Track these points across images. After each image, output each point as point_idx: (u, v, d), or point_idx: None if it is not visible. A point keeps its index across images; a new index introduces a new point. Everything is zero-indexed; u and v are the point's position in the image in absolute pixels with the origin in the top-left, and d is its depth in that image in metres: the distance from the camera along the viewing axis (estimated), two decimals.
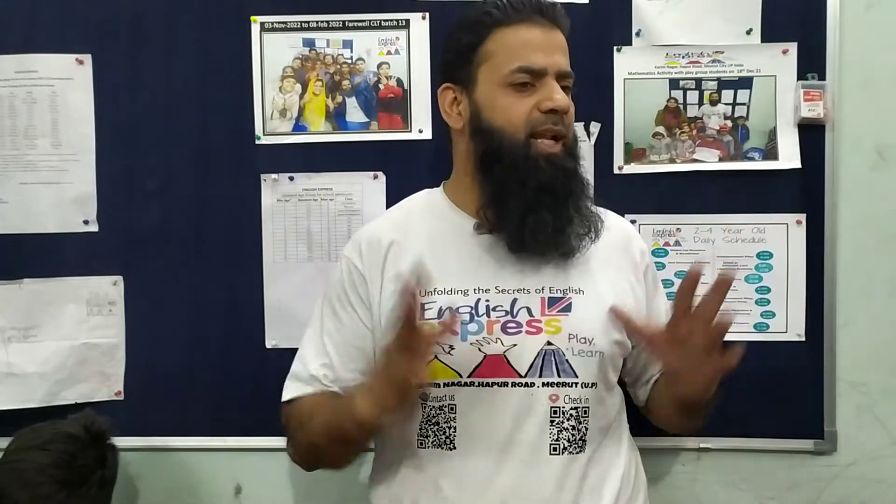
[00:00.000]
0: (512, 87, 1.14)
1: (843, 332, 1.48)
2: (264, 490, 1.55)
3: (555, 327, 1.12)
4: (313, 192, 1.51)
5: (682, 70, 1.47)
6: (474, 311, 1.13)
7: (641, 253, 1.25)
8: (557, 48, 1.16)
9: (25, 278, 1.51)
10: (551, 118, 1.13)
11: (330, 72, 1.50)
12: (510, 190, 1.13)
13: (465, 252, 1.17)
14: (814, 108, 1.44)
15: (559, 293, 1.15)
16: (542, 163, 1.12)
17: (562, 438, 1.11)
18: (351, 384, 1.15)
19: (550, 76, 1.14)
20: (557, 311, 1.13)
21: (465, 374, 1.11)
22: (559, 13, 1.18)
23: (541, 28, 1.15)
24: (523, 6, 1.16)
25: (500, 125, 1.14)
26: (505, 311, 1.13)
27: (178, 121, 1.51)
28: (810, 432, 1.48)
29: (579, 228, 1.15)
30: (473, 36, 1.17)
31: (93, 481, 1.29)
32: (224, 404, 1.51)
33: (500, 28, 1.15)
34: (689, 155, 1.48)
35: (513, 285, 1.14)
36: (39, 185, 1.51)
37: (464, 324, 1.12)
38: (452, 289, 1.14)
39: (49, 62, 1.50)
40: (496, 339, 1.11)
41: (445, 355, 1.11)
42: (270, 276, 1.50)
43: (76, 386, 1.51)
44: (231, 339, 1.51)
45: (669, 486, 1.51)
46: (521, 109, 1.13)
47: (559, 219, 1.12)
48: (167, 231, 1.51)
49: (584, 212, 1.16)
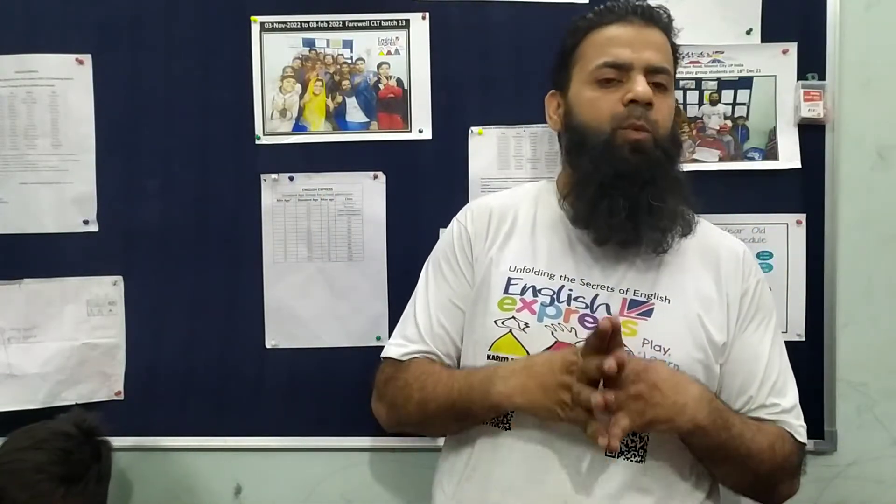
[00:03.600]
0: (598, 82, 1.15)
1: (843, 332, 1.47)
2: (264, 490, 1.55)
3: (631, 329, 1.09)
4: (313, 192, 1.51)
5: (682, 70, 1.47)
6: (556, 296, 1.13)
7: (745, 277, 1.17)
8: (649, 44, 1.15)
9: (25, 278, 1.51)
10: (635, 111, 1.12)
11: (330, 72, 1.50)
12: (589, 177, 1.13)
13: (559, 240, 1.18)
14: (814, 108, 1.44)
15: (643, 297, 1.13)
16: (625, 150, 1.11)
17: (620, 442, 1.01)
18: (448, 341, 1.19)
19: (637, 70, 1.13)
20: (637, 314, 1.11)
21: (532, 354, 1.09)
22: (657, 14, 1.18)
23: (632, 26, 1.16)
24: (619, 8, 1.17)
25: (586, 120, 1.15)
26: (585, 304, 1.12)
27: (178, 121, 1.51)
28: (810, 432, 1.46)
29: (663, 221, 1.12)
30: (572, 41, 1.20)
31: (90, 476, 1.30)
32: (224, 404, 1.51)
33: (594, 30, 1.18)
34: (689, 155, 1.48)
35: (597, 281, 1.14)
36: (39, 185, 1.51)
37: (544, 305, 1.12)
38: (540, 270, 1.15)
39: (49, 62, 1.50)
40: (571, 329, 1.10)
41: (519, 331, 1.11)
42: (270, 276, 1.50)
43: (76, 386, 1.51)
44: (231, 339, 1.51)
45: None
46: (605, 104, 1.13)
47: (636, 206, 1.10)
48: (167, 231, 1.51)
49: (671, 204, 1.12)
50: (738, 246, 1.22)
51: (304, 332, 1.49)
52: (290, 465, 1.53)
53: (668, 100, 1.17)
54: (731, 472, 1.11)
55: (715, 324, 1.13)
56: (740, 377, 1.14)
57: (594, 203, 1.12)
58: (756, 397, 1.13)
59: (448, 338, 1.20)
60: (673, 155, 1.16)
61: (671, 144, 1.16)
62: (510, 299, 1.13)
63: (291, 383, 1.51)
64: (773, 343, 1.17)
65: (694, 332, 1.11)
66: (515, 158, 1.48)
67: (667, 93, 1.17)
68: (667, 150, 1.14)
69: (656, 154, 1.12)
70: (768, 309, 1.20)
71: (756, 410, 1.13)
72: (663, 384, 1.02)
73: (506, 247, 1.18)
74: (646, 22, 1.16)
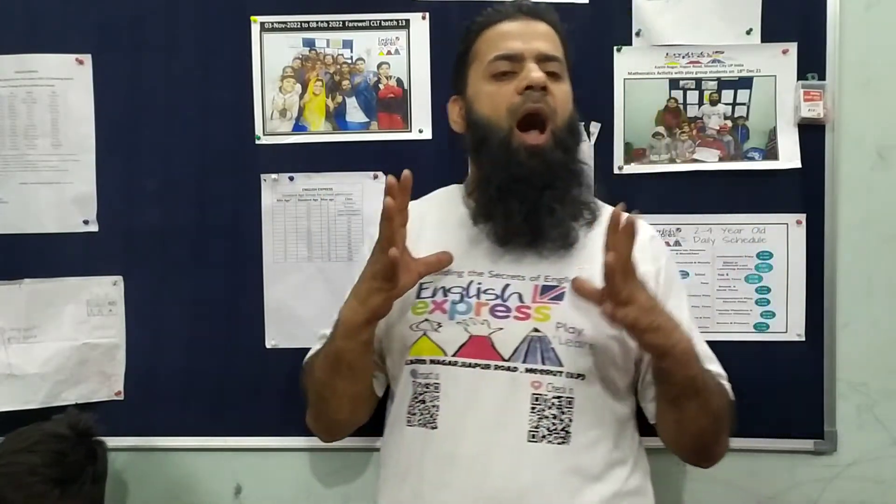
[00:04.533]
0: (493, 77, 1.18)
1: (843, 333, 1.47)
2: (264, 490, 1.55)
3: (544, 315, 1.13)
4: (313, 192, 1.51)
5: (682, 70, 1.47)
6: (465, 292, 1.16)
7: (654, 258, 1.22)
8: (538, 35, 1.20)
9: (25, 278, 1.51)
10: (530, 96, 1.15)
11: (330, 72, 1.50)
12: (489, 179, 1.17)
13: (466, 237, 1.20)
14: (814, 108, 1.44)
15: (554, 282, 1.16)
16: (522, 154, 1.14)
17: (542, 426, 1.09)
18: None
19: (529, 59, 1.17)
20: (549, 299, 1.14)
21: (449, 353, 1.13)
22: (542, 9, 1.23)
23: (520, 21, 1.21)
24: (506, 8, 1.23)
25: (486, 114, 1.18)
26: (496, 295, 1.15)
27: (178, 121, 1.51)
28: (810, 432, 1.48)
29: (564, 219, 1.16)
30: (464, 44, 1.25)
31: (85, 477, 1.30)
32: (224, 404, 1.51)
33: (483, 30, 1.22)
34: (689, 155, 1.48)
35: (507, 271, 1.17)
36: (39, 185, 1.51)
37: (454, 304, 1.15)
38: (449, 270, 1.18)
39: (49, 62, 1.50)
40: (483, 321, 1.13)
41: (433, 332, 1.14)
42: (270, 276, 1.50)
43: (76, 386, 1.51)
44: (231, 339, 1.51)
45: (669, 486, 1.51)
46: (502, 96, 1.17)
47: (534, 209, 1.13)
48: (167, 231, 1.51)
49: (571, 201, 1.17)
50: (645, 228, 1.23)
51: (304, 332, 1.48)
52: (290, 465, 1.53)
53: (564, 86, 1.20)
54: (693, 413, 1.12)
55: None
56: None
57: (492, 205, 1.16)
58: None
59: None
60: (572, 148, 1.19)
61: (569, 136, 1.19)
62: (423, 303, 1.16)
63: (291, 383, 1.50)
64: (689, 315, 1.22)
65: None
66: None
67: (560, 80, 1.20)
68: (566, 146, 1.18)
69: (554, 156, 1.15)
70: (680, 282, 1.27)
71: None
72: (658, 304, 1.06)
73: (415, 251, 1.18)
74: (533, 17, 1.22)
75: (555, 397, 1.10)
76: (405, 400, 1.17)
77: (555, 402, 1.10)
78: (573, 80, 1.47)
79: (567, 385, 1.11)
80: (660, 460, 1.50)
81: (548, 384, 1.10)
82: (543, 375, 1.11)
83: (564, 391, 1.11)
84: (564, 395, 1.11)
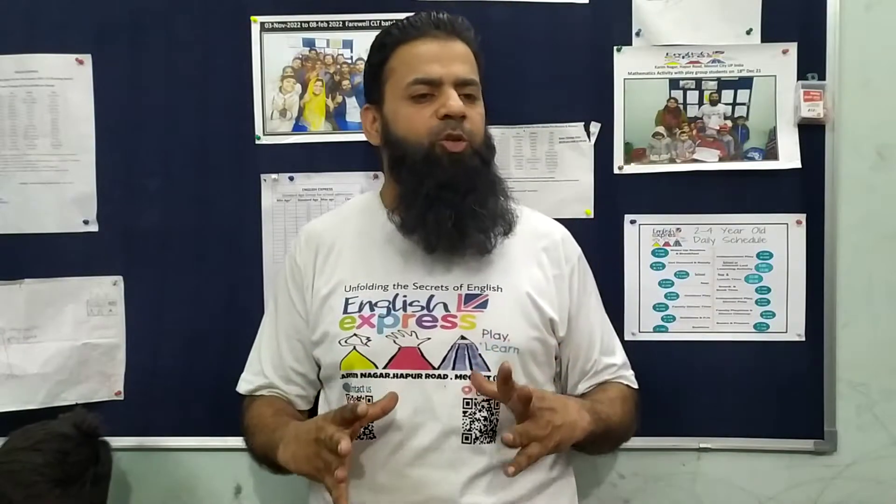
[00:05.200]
0: (411, 98, 1.20)
1: (843, 333, 1.47)
2: (264, 490, 1.55)
3: (469, 323, 1.16)
4: (313, 192, 1.51)
5: (682, 70, 1.47)
6: (391, 305, 1.18)
7: (567, 256, 1.27)
8: (455, 58, 1.21)
9: (25, 278, 1.51)
10: (450, 124, 1.17)
11: (330, 72, 1.50)
12: (414, 190, 1.18)
13: (388, 250, 1.23)
14: (814, 108, 1.44)
15: (476, 290, 1.19)
16: (445, 161, 1.17)
17: (474, 429, 1.14)
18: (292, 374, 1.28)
19: (447, 85, 1.19)
20: (473, 307, 1.18)
21: (380, 365, 1.16)
22: (459, 26, 1.23)
23: (437, 41, 1.21)
24: (421, 23, 1.22)
25: (405, 135, 1.20)
26: (421, 307, 1.18)
27: (178, 121, 1.51)
28: (810, 432, 1.48)
29: (486, 224, 1.18)
30: (379, 56, 1.24)
31: (86, 478, 1.31)
32: (224, 404, 1.50)
33: (399, 46, 1.22)
34: (689, 155, 1.48)
35: (431, 282, 1.20)
36: (39, 185, 1.51)
37: (381, 317, 1.17)
38: (373, 284, 1.20)
39: (49, 62, 1.50)
40: (411, 332, 1.16)
41: (363, 346, 1.17)
42: (270, 276, 1.50)
43: (77, 386, 1.51)
44: (231, 340, 1.50)
45: (669, 486, 1.51)
46: (420, 119, 1.19)
47: (460, 214, 1.16)
48: (167, 231, 1.51)
49: (492, 207, 1.19)
50: (557, 229, 1.31)
51: None
52: None
53: (479, 108, 1.23)
54: (604, 446, 1.28)
55: (547, 301, 1.21)
56: (583, 347, 1.27)
57: (422, 214, 1.17)
58: (597, 361, 1.28)
59: (290, 370, 1.28)
60: (489, 159, 1.23)
61: (486, 149, 1.23)
62: (350, 318, 1.19)
63: None
64: (598, 309, 1.33)
65: (527, 314, 1.19)
66: (515, 158, 1.48)
67: (476, 102, 1.23)
68: (483, 156, 1.21)
69: (474, 162, 1.19)
70: (591, 279, 1.33)
71: (599, 374, 1.28)
72: (557, 408, 1.10)
73: (337, 268, 1.23)
74: (448, 34, 1.22)
75: (484, 400, 1.14)
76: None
77: (484, 405, 1.14)
78: (572, 80, 1.48)
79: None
80: (661, 460, 1.51)
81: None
82: None
83: None
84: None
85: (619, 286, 1.48)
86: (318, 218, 1.38)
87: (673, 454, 1.50)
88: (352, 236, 1.26)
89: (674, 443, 1.49)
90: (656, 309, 1.49)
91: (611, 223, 1.48)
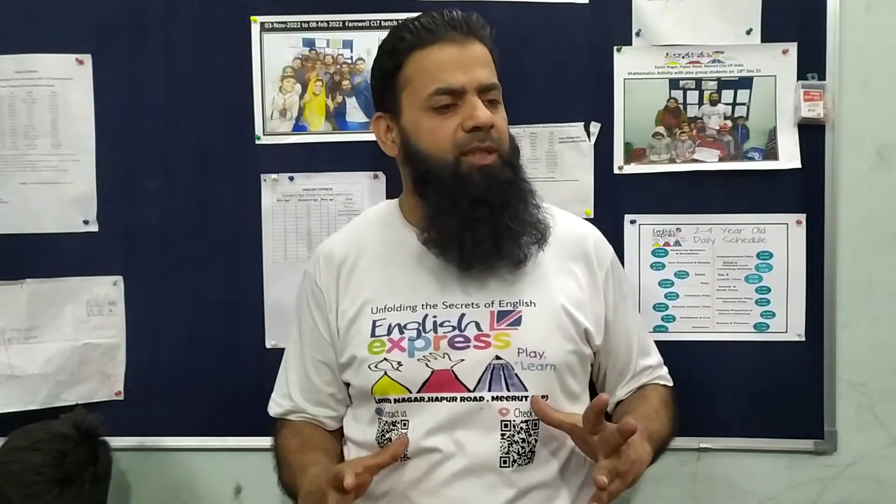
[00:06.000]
0: (434, 110, 1.12)
1: (843, 333, 1.47)
2: (264, 490, 1.54)
3: (503, 342, 1.12)
4: (313, 192, 1.51)
5: (682, 70, 1.47)
6: (421, 327, 1.13)
7: (600, 261, 1.22)
8: (476, 62, 1.13)
9: (26, 278, 1.51)
10: (477, 136, 1.11)
11: (330, 72, 1.50)
12: (445, 210, 1.12)
13: (413, 268, 1.17)
14: (814, 108, 1.44)
15: (509, 307, 1.14)
16: (476, 176, 1.11)
17: (512, 451, 1.10)
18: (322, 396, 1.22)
19: (471, 93, 1.11)
20: (507, 325, 1.13)
21: (414, 390, 1.11)
22: (474, 25, 1.15)
23: (455, 45, 1.12)
24: (435, 25, 1.13)
25: (427, 149, 1.13)
26: (452, 327, 1.13)
27: (178, 121, 1.51)
28: (810, 432, 1.48)
29: (523, 237, 1.13)
30: (392, 61, 1.15)
31: (85, 478, 1.31)
32: (224, 404, 1.51)
33: (414, 51, 1.13)
34: (689, 155, 1.48)
35: (461, 300, 1.14)
36: (39, 185, 1.51)
37: (412, 340, 1.12)
38: (401, 305, 1.15)
39: (49, 62, 1.50)
40: (443, 355, 1.11)
41: (394, 371, 1.12)
42: (270, 276, 1.50)
43: (77, 387, 1.51)
44: (231, 339, 1.51)
45: (669, 486, 1.51)
46: (445, 132, 1.11)
47: (497, 231, 1.11)
48: (167, 231, 1.52)
49: (526, 220, 1.14)
50: (588, 231, 1.25)
51: None
52: None
53: (502, 112, 1.17)
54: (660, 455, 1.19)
55: (581, 311, 1.17)
56: (622, 353, 1.24)
57: (458, 234, 1.11)
58: (635, 364, 1.25)
59: (319, 392, 1.23)
60: (518, 167, 1.16)
61: (514, 156, 1.16)
62: (379, 342, 1.14)
63: None
64: (633, 311, 1.30)
65: (563, 327, 1.15)
66: None
67: (500, 106, 1.16)
68: (513, 165, 1.15)
69: (505, 174, 1.13)
70: (626, 280, 1.30)
71: (637, 377, 1.25)
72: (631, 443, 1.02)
73: (362, 288, 1.17)
74: (465, 36, 1.13)
75: (523, 422, 1.11)
76: (371, 433, 1.15)
77: (523, 427, 1.11)
78: (572, 80, 1.48)
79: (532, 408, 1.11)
80: (661, 460, 1.51)
81: (515, 409, 1.11)
82: (510, 402, 1.11)
83: (531, 414, 1.11)
84: (531, 419, 1.11)
85: None
86: (332, 236, 1.30)
87: (672, 454, 1.50)
88: (373, 253, 1.20)
89: (673, 443, 1.48)
90: (656, 309, 1.49)
91: (611, 223, 1.48)
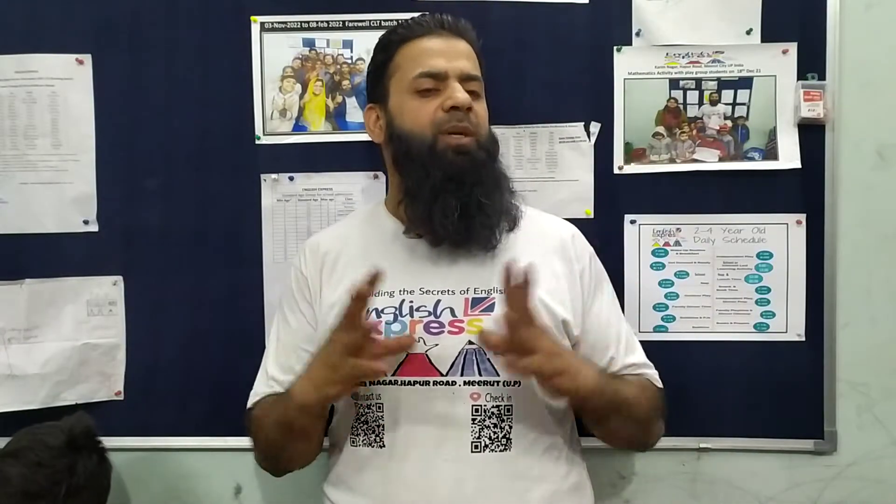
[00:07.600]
0: (417, 92, 1.20)
1: (843, 333, 1.47)
2: (264, 490, 1.55)
3: (476, 327, 1.14)
4: (313, 192, 1.51)
5: (682, 70, 1.47)
6: (398, 311, 1.18)
7: (578, 255, 1.26)
8: (460, 54, 1.23)
9: (26, 278, 1.51)
10: (455, 115, 1.18)
11: (330, 72, 1.50)
12: (420, 182, 1.18)
13: (393, 255, 1.22)
14: (814, 108, 1.44)
15: (483, 293, 1.18)
16: (450, 154, 1.17)
17: (483, 436, 1.13)
18: None
19: (452, 79, 1.20)
20: (480, 311, 1.17)
21: (388, 373, 1.14)
22: (462, 26, 1.26)
23: (441, 38, 1.23)
24: (426, 22, 1.24)
25: (409, 128, 1.20)
26: (428, 312, 1.17)
27: (178, 121, 1.51)
28: (810, 432, 1.48)
29: (491, 219, 1.18)
30: (384, 54, 1.26)
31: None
32: (224, 404, 1.51)
33: (404, 43, 1.24)
34: (689, 155, 1.48)
35: (437, 286, 1.19)
36: (39, 185, 1.51)
37: (388, 324, 1.16)
38: (379, 291, 1.16)
39: (49, 62, 1.50)
40: (419, 339, 1.15)
41: None
42: (270, 276, 1.50)
43: (77, 387, 1.51)
44: (231, 339, 1.51)
45: (669, 486, 1.51)
46: (426, 111, 1.19)
47: (466, 206, 1.15)
48: (167, 231, 1.51)
49: (496, 201, 1.19)
50: (566, 228, 1.31)
51: None
52: None
53: (483, 104, 1.25)
54: (618, 425, 1.20)
55: (558, 301, 1.20)
56: (599, 347, 1.24)
57: (428, 206, 1.17)
58: (614, 360, 1.24)
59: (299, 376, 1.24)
60: (494, 154, 1.23)
61: (491, 144, 1.23)
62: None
63: None
64: (613, 307, 1.30)
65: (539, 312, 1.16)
66: (515, 158, 1.48)
67: (480, 99, 1.24)
68: (489, 150, 1.22)
69: (480, 156, 1.19)
70: (604, 277, 1.31)
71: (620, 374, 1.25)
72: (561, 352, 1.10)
73: (344, 278, 1.21)
74: (452, 34, 1.24)
75: (494, 406, 1.14)
76: (347, 420, 1.20)
77: (494, 412, 1.14)
78: (572, 80, 1.48)
79: (504, 393, 1.15)
80: (661, 460, 1.51)
81: (486, 394, 1.14)
82: (481, 387, 1.14)
83: (502, 399, 1.14)
84: (503, 404, 1.14)
85: (619, 286, 1.47)
86: (320, 232, 1.38)
87: (673, 454, 1.50)
88: (357, 246, 1.26)
89: (674, 443, 1.49)
90: (656, 309, 1.49)
91: (611, 223, 1.48)
